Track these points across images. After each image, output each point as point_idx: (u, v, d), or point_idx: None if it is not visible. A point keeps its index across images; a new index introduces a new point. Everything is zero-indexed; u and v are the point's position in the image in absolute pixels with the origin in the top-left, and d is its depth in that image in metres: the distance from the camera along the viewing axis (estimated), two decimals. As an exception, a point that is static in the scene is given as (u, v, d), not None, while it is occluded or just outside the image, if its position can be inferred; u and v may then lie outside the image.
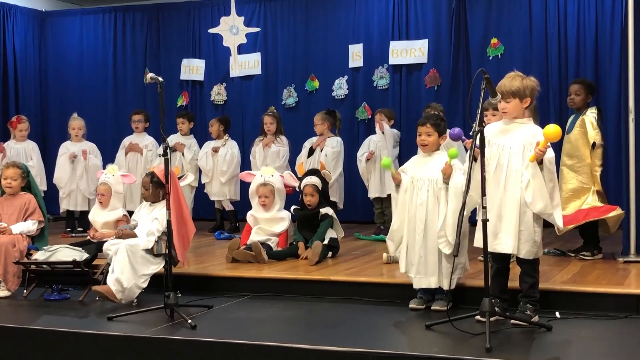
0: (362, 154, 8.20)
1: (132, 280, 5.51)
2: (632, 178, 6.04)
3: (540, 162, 4.56)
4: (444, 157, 5.03)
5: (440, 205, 4.99)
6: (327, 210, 6.83)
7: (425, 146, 5.16)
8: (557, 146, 6.59)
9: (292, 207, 7.00)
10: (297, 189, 7.13)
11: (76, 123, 8.93)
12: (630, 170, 6.04)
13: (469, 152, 4.57)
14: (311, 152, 8.24)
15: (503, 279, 4.86)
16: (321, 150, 8.15)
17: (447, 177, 4.97)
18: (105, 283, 5.56)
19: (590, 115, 6.28)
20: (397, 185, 5.23)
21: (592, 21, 8.15)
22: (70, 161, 8.76)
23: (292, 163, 8.51)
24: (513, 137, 4.70)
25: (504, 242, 4.67)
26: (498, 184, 4.67)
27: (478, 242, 4.69)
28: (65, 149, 8.91)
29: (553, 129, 4.50)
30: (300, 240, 6.69)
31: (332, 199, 7.89)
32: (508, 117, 4.78)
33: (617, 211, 6.11)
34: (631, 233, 6.04)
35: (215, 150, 8.65)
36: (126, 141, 9.06)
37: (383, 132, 7.83)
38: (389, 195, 7.61)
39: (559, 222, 4.70)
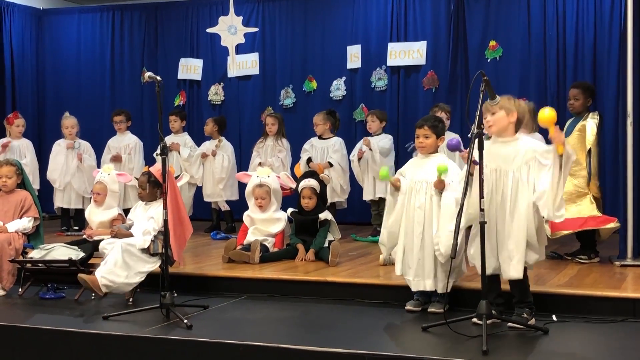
0: (353, 155, 8.17)
1: (124, 278, 5.48)
2: (629, 182, 6.03)
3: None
4: (442, 159, 5.01)
5: (439, 208, 4.97)
6: (326, 215, 6.78)
7: (423, 148, 5.14)
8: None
9: (290, 211, 6.91)
10: (297, 192, 7.07)
11: (69, 121, 8.92)
12: (627, 174, 6.04)
13: (465, 167, 4.47)
14: (309, 160, 8.20)
15: (497, 282, 4.83)
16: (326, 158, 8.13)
17: (439, 191, 4.94)
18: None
19: (592, 121, 6.24)
20: (397, 190, 5.15)
21: (591, 24, 8.15)
22: (66, 151, 8.79)
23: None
24: (512, 160, 4.56)
25: (510, 269, 4.58)
26: (503, 212, 4.54)
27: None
28: (59, 147, 8.91)
29: (548, 112, 4.41)
30: (298, 243, 6.65)
31: (338, 199, 8.07)
32: (494, 132, 4.64)
33: (615, 223, 6.09)
34: (628, 237, 6.04)
35: (204, 156, 8.64)
36: (111, 143, 9.03)
37: (371, 149, 7.88)
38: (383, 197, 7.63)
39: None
